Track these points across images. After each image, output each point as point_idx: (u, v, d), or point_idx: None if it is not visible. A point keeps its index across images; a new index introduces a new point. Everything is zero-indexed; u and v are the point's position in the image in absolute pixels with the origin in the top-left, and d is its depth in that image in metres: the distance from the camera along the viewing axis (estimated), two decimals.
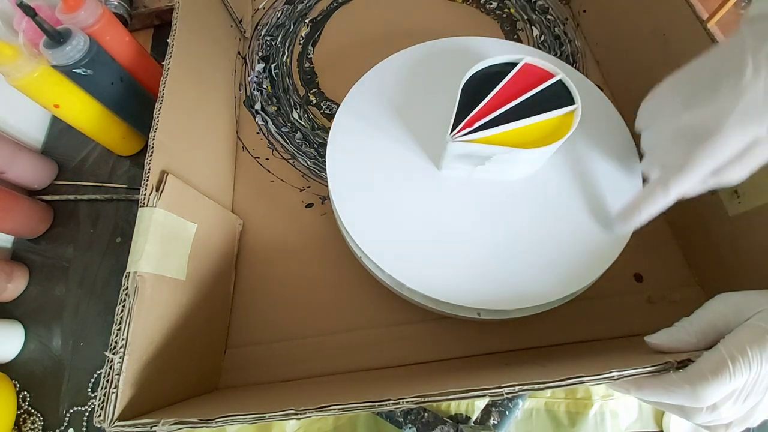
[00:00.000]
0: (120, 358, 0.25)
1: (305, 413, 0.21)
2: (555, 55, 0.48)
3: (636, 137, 0.33)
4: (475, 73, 0.31)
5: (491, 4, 0.53)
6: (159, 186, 0.30)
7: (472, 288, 0.29)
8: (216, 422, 0.21)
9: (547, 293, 0.29)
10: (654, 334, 0.24)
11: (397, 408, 0.21)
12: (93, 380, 0.37)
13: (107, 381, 0.24)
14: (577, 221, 0.31)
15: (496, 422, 0.32)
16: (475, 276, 0.29)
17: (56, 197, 0.46)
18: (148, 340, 0.27)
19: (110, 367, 0.24)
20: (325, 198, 0.42)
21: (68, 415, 0.36)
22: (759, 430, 0.29)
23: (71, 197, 0.46)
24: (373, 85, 0.37)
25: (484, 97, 0.30)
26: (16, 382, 0.38)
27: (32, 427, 0.36)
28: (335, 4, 0.55)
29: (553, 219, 0.31)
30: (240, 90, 0.50)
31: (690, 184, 0.25)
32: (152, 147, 0.31)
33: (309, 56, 0.52)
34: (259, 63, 0.52)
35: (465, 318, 0.30)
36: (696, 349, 0.22)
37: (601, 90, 0.37)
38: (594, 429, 0.32)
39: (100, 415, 0.23)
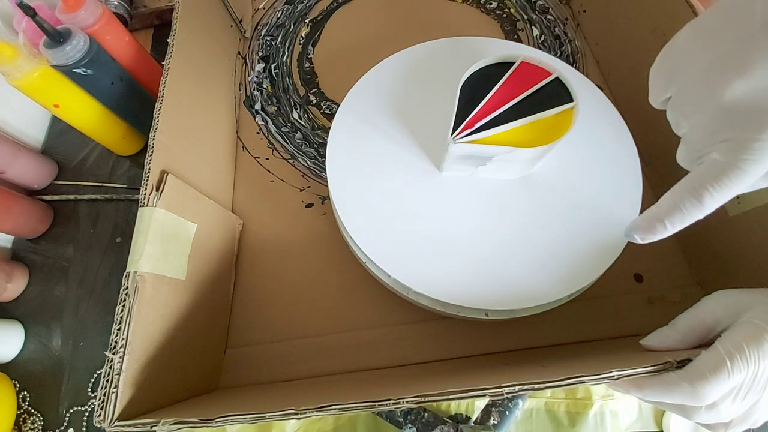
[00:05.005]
0: (120, 358, 0.25)
1: (305, 413, 0.21)
2: (555, 55, 0.48)
3: (640, 134, 0.33)
4: (473, 73, 0.31)
5: (491, 4, 0.53)
6: (159, 186, 0.30)
7: (479, 289, 0.29)
8: (216, 422, 0.21)
9: (552, 292, 0.28)
10: (647, 336, 0.25)
11: (397, 408, 0.21)
12: (93, 380, 0.37)
13: (107, 381, 0.24)
14: (577, 219, 0.31)
15: (496, 422, 0.32)
16: (482, 276, 0.29)
17: (56, 197, 0.46)
18: (148, 340, 0.27)
19: (110, 367, 0.24)
20: (325, 198, 0.42)
21: (68, 415, 0.36)
22: (759, 430, 0.29)
23: (71, 197, 0.46)
24: (373, 85, 0.37)
25: (483, 97, 0.30)
26: (16, 382, 0.38)
27: (32, 427, 0.36)
28: (335, 4, 0.55)
29: (553, 217, 0.31)
30: (240, 90, 0.50)
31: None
32: (152, 147, 0.31)
33: (309, 56, 0.52)
34: (259, 63, 0.52)
35: (470, 318, 0.30)
36: (683, 344, 0.23)
37: (601, 90, 0.37)
38: (594, 429, 0.32)
39: (100, 415, 0.23)
